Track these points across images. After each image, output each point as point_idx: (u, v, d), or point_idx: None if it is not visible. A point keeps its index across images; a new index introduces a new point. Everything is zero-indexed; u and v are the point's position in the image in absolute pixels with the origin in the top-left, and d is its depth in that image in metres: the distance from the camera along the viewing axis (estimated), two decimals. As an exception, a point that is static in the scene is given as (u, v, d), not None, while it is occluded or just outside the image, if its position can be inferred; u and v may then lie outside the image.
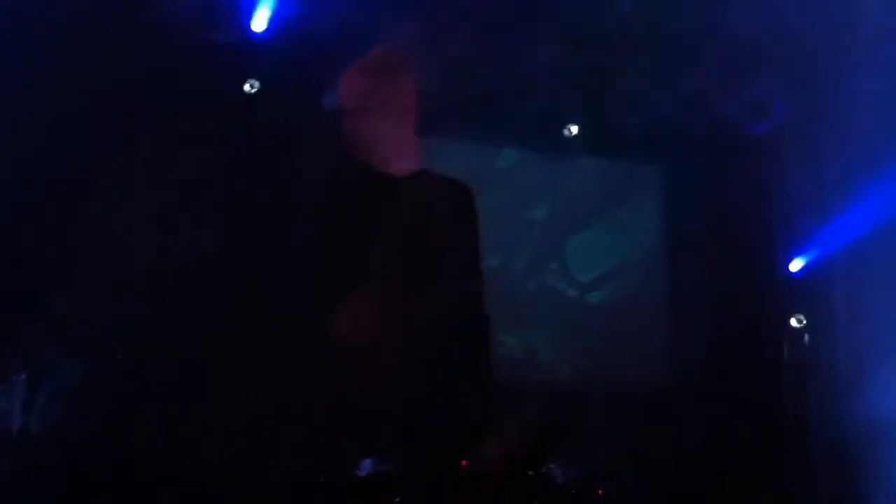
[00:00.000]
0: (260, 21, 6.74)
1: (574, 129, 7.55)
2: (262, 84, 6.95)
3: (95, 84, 6.43)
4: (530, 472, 5.42)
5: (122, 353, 5.98)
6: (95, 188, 6.39)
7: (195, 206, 6.52)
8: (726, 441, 6.72)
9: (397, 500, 3.15)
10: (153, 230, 6.29)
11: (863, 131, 6.79)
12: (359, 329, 3.13)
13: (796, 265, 7.32)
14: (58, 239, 6.19)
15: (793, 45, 6.77)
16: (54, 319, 6.05)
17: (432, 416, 3.24)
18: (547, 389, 7.29)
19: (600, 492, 6.13)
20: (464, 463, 3.66)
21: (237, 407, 5.68)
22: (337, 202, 3.32)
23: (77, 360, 5.96)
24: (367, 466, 3.20)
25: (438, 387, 3.24)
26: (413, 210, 3.29)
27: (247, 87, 6.93)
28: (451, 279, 3.27)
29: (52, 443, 5.70)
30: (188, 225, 6.46)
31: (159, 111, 6.64)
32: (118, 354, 6.00)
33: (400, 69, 3.29)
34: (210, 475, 5.71)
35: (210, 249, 6.44)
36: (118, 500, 5.55)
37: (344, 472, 3.10)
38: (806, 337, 6.85)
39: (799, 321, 6.81)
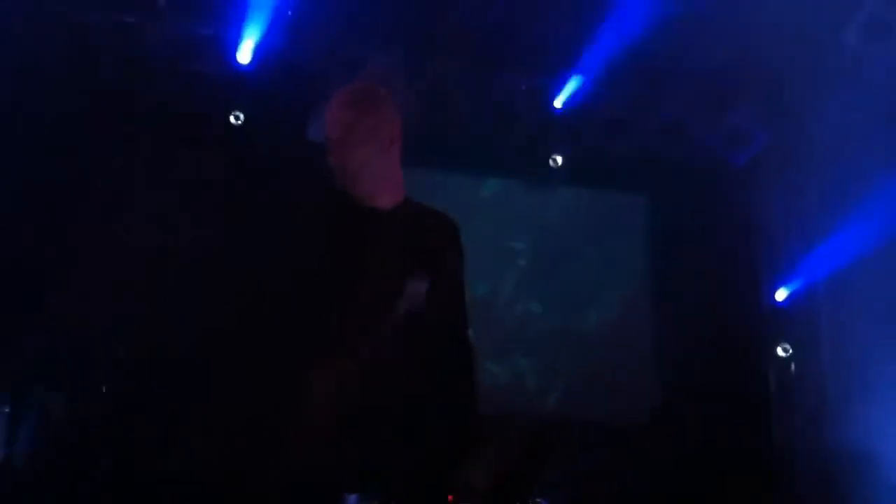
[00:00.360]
0: (245, 53, 6.78)
1: (559, 160, 7.58)
2: (246, 116, 6.98)
3: (83, 117, 6.46)
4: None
5: (123, 351, 6.00)
6: (87, 220, 6.41)
7: (181, 235, 6.54)
8: (712, 469, 6.69)
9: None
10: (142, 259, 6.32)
11: (845, 159, 6.83)
12: (343, 363, 3.10)
13: (781, 294, 7.34)
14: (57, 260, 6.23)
15: (771, 75, 6.82)
16: (53, 320, 6.08)
17: (418, 447, 3.20)
18: (534, 417, 7.27)
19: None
20: (450, 498, 3.65)
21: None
22: (320, 234, 3.29)
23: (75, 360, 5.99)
24: (352, 501, 3.18)
25: (423, 416, 3.21)
26: (397, 243, 3.27)
27: (232, 119, 6.96)
28: (437, 313, 3.24)
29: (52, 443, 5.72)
30: (174, 251, 6.48)
31: (146, 141, 6.68)
32: (119, 353, 6.00)
33: (384, 100, 3.28)
34: (210, 475, 5.72)
35: (193, 277, 6.47)
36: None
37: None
38: (792, 366, 6.85)
39: (785, 350, 6.81)
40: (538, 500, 5.63)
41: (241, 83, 6.95)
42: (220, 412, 6.14)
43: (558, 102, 7.34)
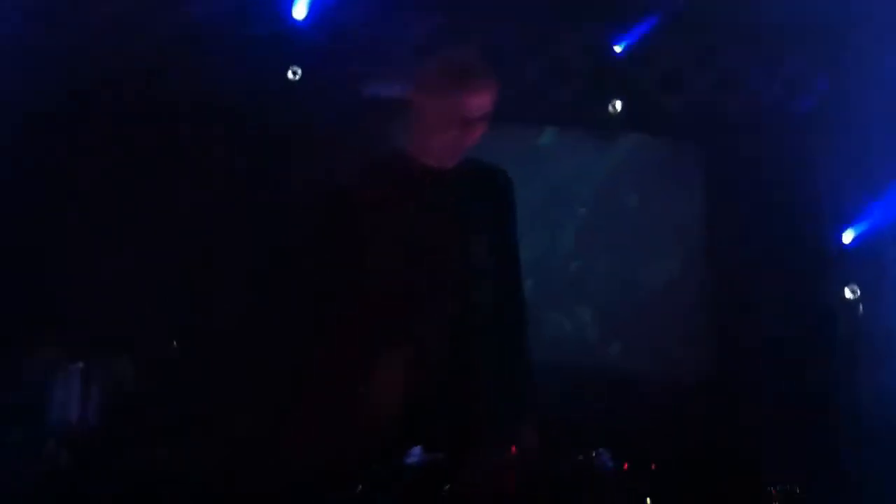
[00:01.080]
0: (300, 9, 6.80)
1: (619, 105, 7.51)
2: (304, 71, 7.00)
3: (133, 80, 6.52)
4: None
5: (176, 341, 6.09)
6: (134, 182, 6.51)
7: (233, 196, 6.62)
8: (779, 419, 6.68)
9: (446, 487, 3.18)
10: (192, 220, 6.41)
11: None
12: (391, 322, 3.14)
13: (848, 236, 7.26)
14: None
15: (831, 21, 6.70)
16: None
17: (475, 404, 3.24)
18: (594, 369, 7.30)
19: (625, 467, 6.13)
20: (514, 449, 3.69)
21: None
22: (376, 192, 3.31)
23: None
24: (415, 454, 3.23)
25: (479, 375, 3.24)
26: (453, 201, 3.28)
27: (290, 75, 6.99)
28: (492, 273, 3.27)
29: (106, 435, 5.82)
30: (225, 213, 6.56)
31: (200, 101, 6.73)
32: (172, 343, 6.10)
33: (483, 83, 3.25)
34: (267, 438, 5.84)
35: (244, 237, 6.56)
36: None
37: (390, 461, 3.13)
38: (860, 307, 6.76)
39: (853, 292, 6.73)
40: (600, 449, 5.66)
41: (297, 39, 6.97)
42: (277, 369, 6.26)
43: (617, 50, 7.28)
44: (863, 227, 7.20)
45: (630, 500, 5.72)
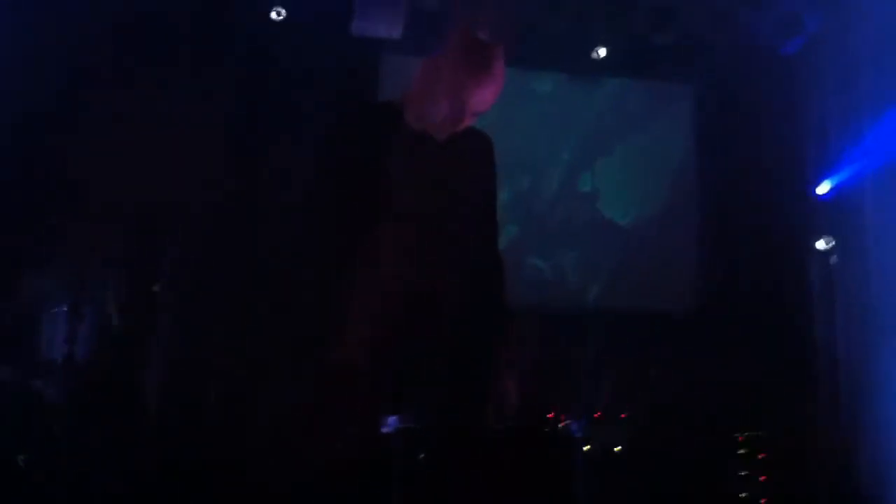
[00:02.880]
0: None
1: (602, 52, 7.48)
2: (288, 11, 6.94)
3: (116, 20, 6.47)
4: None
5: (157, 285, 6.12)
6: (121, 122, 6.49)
7: (219, 135, 6.61)
8: (752, 362, 6.77)
9: (421, 455, 3.26)
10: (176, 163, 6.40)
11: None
12: (382, 282, 3.17)
13: (826, 186, 7.28)
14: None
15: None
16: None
17: (454, 364, 3.28)
18: (576, 311, 7.38)
19: (622, 416, 6.24)
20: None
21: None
22: (360, 148, 3.31)
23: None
24: (392, 423, 3.30)
25: (458, 335, 3.28)
26: (436, 163, 3.30)
27: (273, 15, 6.93)
28: (471, 231, 3.29)
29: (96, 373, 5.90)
30: (211, 154, 6.56)
31: (186, 44, 6.69)
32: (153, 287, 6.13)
33: (500, 74, 3.23)
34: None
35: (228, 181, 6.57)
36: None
37: (368, 427, 3.19)
38: (834, 258, 6.82)
39: (827, 242, 6.78)
40: (568, 420, 5.68)
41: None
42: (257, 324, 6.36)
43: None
44: (843, 176, 7.21)
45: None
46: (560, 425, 5.42)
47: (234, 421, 6.03)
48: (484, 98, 3.18)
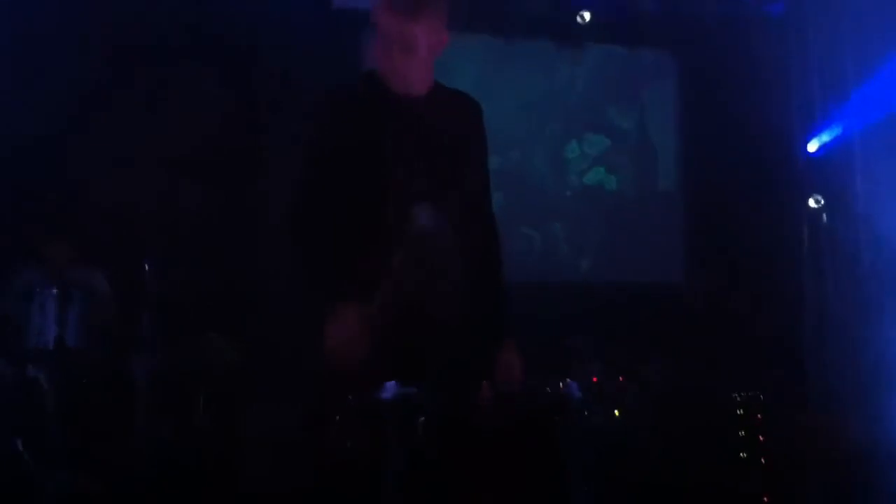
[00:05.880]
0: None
1: (587, 16, 7.44)
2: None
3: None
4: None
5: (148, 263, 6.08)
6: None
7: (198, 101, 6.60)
8: (746, 325, 6.78)
9: (421, 419, 3.23)
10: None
11: (880, 8, 6.65)
12: (374, 252, 3.14)
13: (814, 145, 7.28)
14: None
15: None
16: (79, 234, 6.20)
17: (451, 332, 3.27)
18: (566, 282, 7.38)
19: (620, 378, 6.23)
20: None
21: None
22: (345, 118, 3.27)
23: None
24: (390, 388, 3.27)
25: (453, 301, 3.26)
26: (423, 130, 3.27)
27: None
28: (464, 199, 3.27)
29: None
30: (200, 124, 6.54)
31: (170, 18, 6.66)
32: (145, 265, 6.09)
33: (441, 10, 3.18)
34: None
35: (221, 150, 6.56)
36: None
37: (367, 394, 3.17)
38: (824, 217, 6.83)
39: (817, 201, 6.79)
40: (567, 379, 5.67)
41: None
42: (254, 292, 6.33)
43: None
44: (831, 135, 7.21)
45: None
46: (560, 388, 5.40)
47: (227, 413, 6.01)
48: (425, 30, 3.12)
